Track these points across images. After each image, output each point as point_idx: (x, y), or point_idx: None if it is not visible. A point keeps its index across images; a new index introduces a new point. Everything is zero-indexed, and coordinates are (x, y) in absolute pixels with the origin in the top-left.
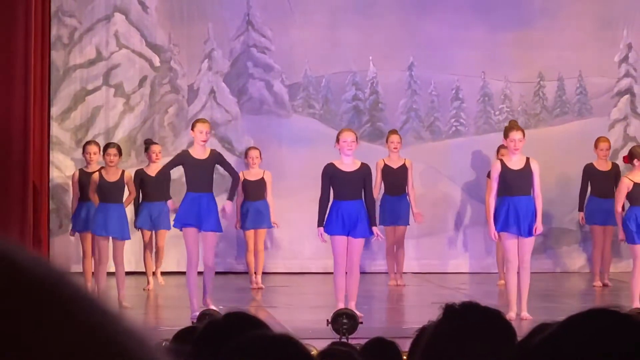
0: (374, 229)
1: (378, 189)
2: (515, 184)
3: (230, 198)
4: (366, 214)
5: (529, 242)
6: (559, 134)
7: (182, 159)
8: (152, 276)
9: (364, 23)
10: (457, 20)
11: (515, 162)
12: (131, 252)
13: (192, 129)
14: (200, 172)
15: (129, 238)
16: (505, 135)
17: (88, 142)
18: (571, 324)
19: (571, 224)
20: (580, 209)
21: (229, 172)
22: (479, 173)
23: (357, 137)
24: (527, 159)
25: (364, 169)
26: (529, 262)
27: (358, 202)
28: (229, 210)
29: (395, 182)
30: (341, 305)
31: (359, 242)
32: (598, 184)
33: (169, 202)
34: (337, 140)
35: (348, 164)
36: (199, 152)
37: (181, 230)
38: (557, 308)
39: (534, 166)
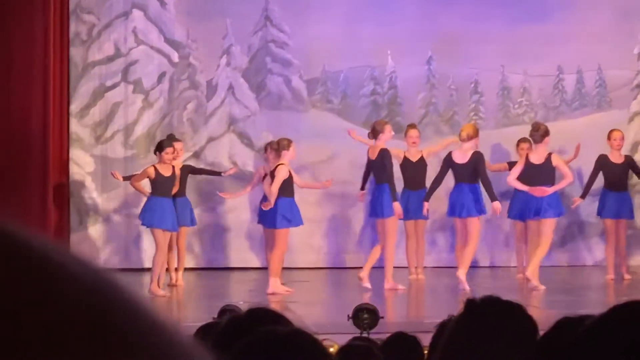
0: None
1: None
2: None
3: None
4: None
5: None
6: (578, 127)
7: None
8: (174, 272)
9: (382, 17)
10: (476, 13)
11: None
12: (151, 249)
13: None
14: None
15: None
16: None
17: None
18: (615, 315)
19: (590, 217)
20: (582, 197)
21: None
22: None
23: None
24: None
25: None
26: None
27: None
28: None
29: (414, 176)
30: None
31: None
32: (611, 176)
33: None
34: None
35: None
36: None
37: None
38: (575, 301)
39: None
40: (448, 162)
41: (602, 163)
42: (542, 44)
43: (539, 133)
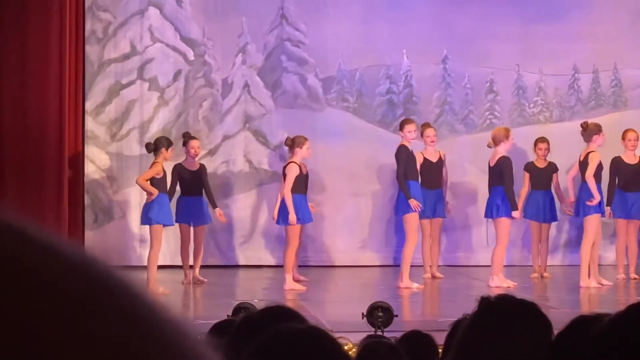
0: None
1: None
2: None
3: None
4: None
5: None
6: None
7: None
8: (189, 270)
9: (397, 16)
10: (491, 12)
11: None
12: (166, 246)
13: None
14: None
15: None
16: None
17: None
18: (631, 313)
19: (603, 217)
20: (608, 204)
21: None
22: (513, 166)
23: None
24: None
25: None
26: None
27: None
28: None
29: (433, 176)
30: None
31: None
32: (624, 177)
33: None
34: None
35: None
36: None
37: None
38: (589, 301)
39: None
40: (488, 166)
41: (617, 165)
42: (558, 43)
43: (587, 133)
